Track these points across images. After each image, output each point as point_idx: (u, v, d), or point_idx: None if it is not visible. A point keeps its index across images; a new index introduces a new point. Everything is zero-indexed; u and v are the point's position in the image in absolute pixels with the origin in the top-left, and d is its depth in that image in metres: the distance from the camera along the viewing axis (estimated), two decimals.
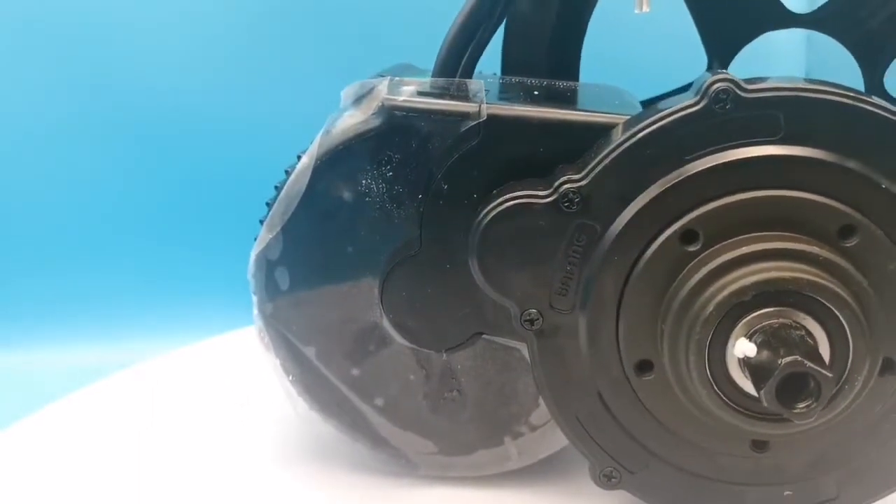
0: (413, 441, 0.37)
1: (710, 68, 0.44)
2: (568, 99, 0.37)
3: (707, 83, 0.29)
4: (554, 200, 0.30)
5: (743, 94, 0.28)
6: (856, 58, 0.41)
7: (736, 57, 0.44)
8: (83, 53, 0.74)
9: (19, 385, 0.67)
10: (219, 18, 0.74)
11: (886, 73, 0.41)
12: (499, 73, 0.42)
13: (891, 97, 0.40)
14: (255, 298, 0.36)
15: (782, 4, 0.41)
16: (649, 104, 0.42)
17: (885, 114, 0.28)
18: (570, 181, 0.30)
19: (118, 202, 0.76)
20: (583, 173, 0.30)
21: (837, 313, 0.28)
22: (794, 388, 0.26)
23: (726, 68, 0.44)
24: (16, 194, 0.76)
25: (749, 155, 0.29)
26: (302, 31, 0.73)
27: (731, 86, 0.28)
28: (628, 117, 0.31)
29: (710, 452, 0.33)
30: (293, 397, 0.37)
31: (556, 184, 0.30)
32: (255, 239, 0.36)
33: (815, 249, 0.28)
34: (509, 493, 0.38)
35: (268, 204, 0.36)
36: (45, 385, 0.56)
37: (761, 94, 0.28)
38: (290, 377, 0.36)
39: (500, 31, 0.40)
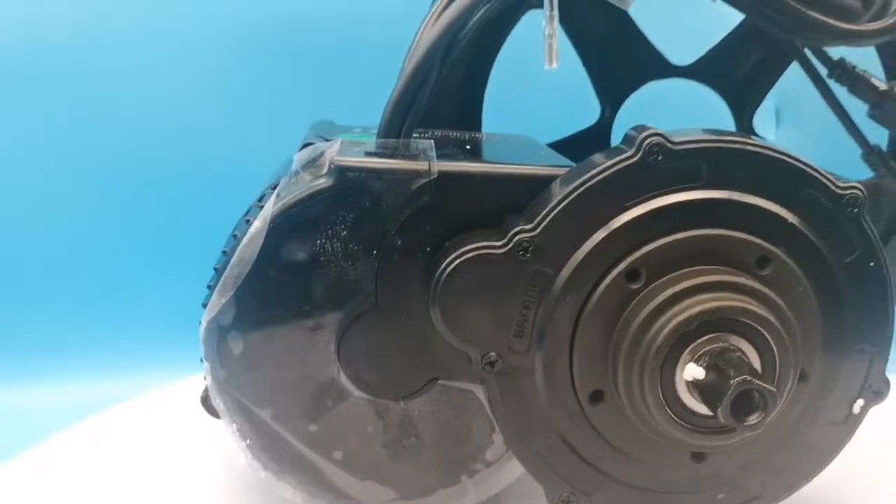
0: (372, 490, 0.37)
1: (602, 114, 0.49)
2: (498, 151, 0.40)
3: (641, 138, 0.32)
4: (509, 250, 0.33)
5: (672, 147, 0.32)
6: (727, 103, 0.47)
7: None
8: (66, 99, 0.74)
9: (17, 421, 0.67)
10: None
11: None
12: None
13: (760, 137, 0.46)
14: (206, 365, 0.35)
15: (664, 58, 0.46)
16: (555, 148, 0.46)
17: (788, 159, 0.33)
18: (523, 231, 0.33)
19: (111, 240, 0.76)
20: (534, 223, 0.33)
21: (766, 334, 0.32)
22: (742, 403, 0.30)
23: (616, 114, 0.49)
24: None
25: (678, 200, 0.33)
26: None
27: (662, 140, 0.32)
28: (566, 169, 0.34)
29: (656, 467, 0.36)
30: (251, 461, 0.36)
31: (510, 234, 0.33)
32: (204, 305, 0.35)
33: (741, 279, 0.32)
34: None
35: (216, 269, 0.36)
36: (41, 420, 0.57)
37: (687, 146, 0.32)
38: (248, 441, 0.36)
39: None
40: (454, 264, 0.33)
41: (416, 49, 0.35)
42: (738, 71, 0.46)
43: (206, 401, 0.38)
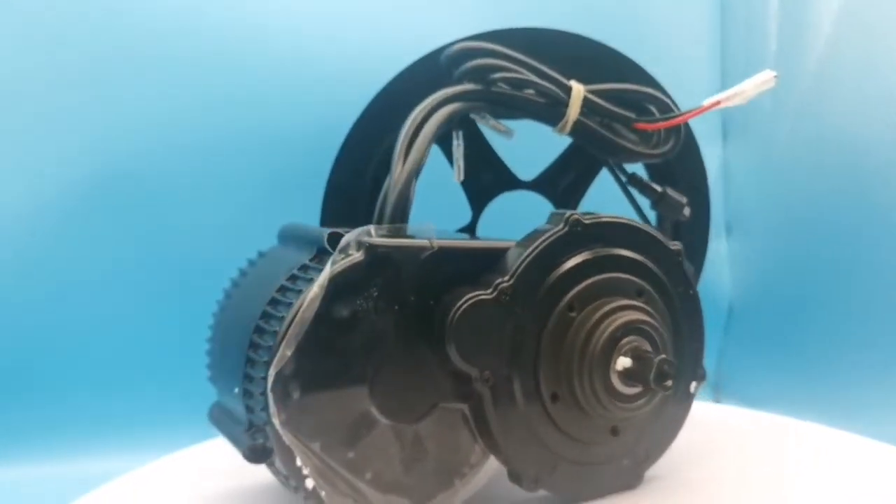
0: (393, 501, 0.47)
1: (474, 214, 0.65)
2: (449, 234, 0.54)
3: (566, 217, 0.49)
4: (496, 296, 0.47)
5: (586, 222, 0.49)
6: (553, 205, 0.67)
7: None
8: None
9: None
10: None
11: None
12: None
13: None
14: (272, 409, 0.43)
15: (514, 175, 0.65)
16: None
17: (646, 229, 0.52)
18: (503, 282, 0.47)
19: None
20: (508, 276, 0.47)
21: (654, 335, 0.49)
22: (659, 376, 0.47)
23: (480, 215, 0.66)
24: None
25: (591, 255, 0.49)
26: None
27: (581, 218, 0.49)
28: (512, 242, 0.50)
29: (589, 445, 0.51)
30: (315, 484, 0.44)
31: (494, 285, 0.47)
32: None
33: (633, 303, 0.50)
34: None
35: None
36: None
37: (593, 221, 0.50)
38: (307, 470, 0.44)
39: None
40: (462, 308, 0.46)
41: (417, 147, 0.49)
42: (560, 185, 0.66)
43: (251, 451, 0.45)
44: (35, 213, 0.86)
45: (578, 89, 0.57)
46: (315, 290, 0.44)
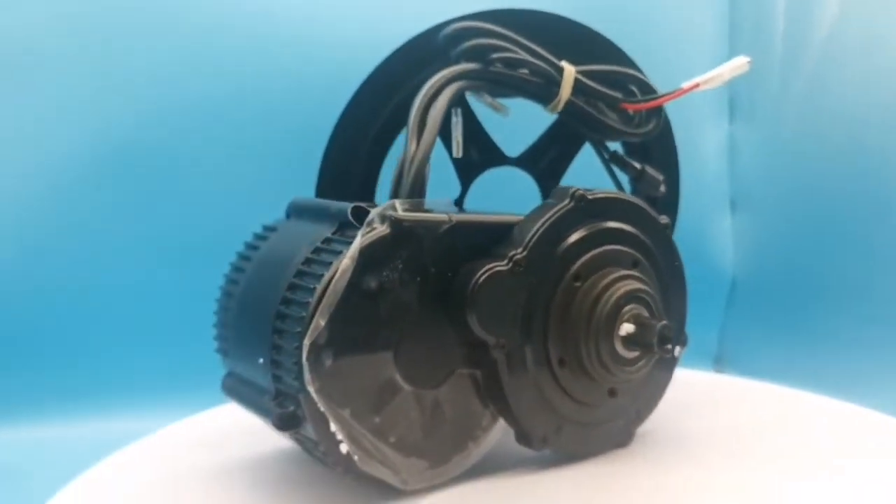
0: (414, 463, 0.49)
1: (462, 188, 0.67)
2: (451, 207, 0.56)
3: (571, 192, 0.52)
4: (511, 267, 0.49)
5: (590, 198, 0.52)
6: (537, 181, 0.69)
7: None
8: None
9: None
10: None
11: None
12: None
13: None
14: (306, 377, 0.44)
15: (502, 151, 0.67)
16: None
17: (641, 204, 0.55)
18: (517, 254, 0.49)
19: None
20: (520, 248, 0.50)
21: (651, 303, 0.53)
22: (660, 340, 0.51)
23: (468, 189, 0.68)
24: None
25: (594, 228, 0.53)
26: None
27: (584, 193, 0.52)
28: (521, 216, 0.52)
29: (590, 406, 0.54)
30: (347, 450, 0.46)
31: (508, 256, 0.49)
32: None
33: (631, 273, 0.53)
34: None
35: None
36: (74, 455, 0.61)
37: (595, 196, 0.53)
38: (340, 437, 0.45)
39: None
40: (482, 279, 0.48)
41: (430, 125, 0.50)
42: (541, 163, 0.69)
43: (280, 419, 0.46)
44: (62, 179, 0.93)
45: (570, 70, 0.59)
46: (346, 261, 0.45)
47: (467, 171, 0.67)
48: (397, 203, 0.48)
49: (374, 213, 0.47)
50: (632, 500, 0.51)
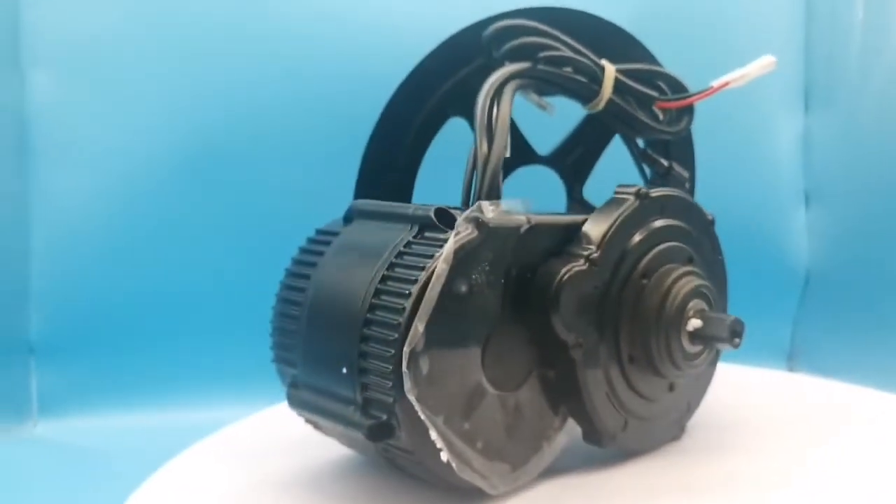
0: (497, 467, 0.48)
1: None
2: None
3: (636, 190, 0.52)
4: (589, 266, 0.49)
5: (651, 195, 0.53)
6: (563, 179, 0.69)
7: None
8: None
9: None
10: None
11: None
12: None
13: (589, 204, 0.69)
14: (408, 386, 0.43)
15: (534, 150, 0.67)
16: None
17: (691, 200, 0.57)
18: (592, 253, 0.50)
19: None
20: (594, 247, 0.50)
21: (710, 297, 0.54)
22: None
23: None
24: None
25: (656, 225, 0.53)
26: None
27: (647, 191, 0.53)
28: (587, 216, 0.52)
29: (652, 402, 0.55)
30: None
31: (584, 256, 0.49)
32: (396, 339, 0.43)
33: (690, 269, 0.54)
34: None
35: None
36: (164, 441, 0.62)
37: (656, 194, 0.53)
38: (437, 444, 0.44)
39: None
40: (564, 279, 0.48)
41: (500, 126, 0.50)
42: (568, 160, 0.69)
43: (371, 430, 0.45)
44: (147, 174, 0.98)
45: (611, 68, 0.60)
46: (441, 265, 0.44)
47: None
48: (485, 205, 0.47)
49: (463, 215, 0.46)
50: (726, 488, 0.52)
